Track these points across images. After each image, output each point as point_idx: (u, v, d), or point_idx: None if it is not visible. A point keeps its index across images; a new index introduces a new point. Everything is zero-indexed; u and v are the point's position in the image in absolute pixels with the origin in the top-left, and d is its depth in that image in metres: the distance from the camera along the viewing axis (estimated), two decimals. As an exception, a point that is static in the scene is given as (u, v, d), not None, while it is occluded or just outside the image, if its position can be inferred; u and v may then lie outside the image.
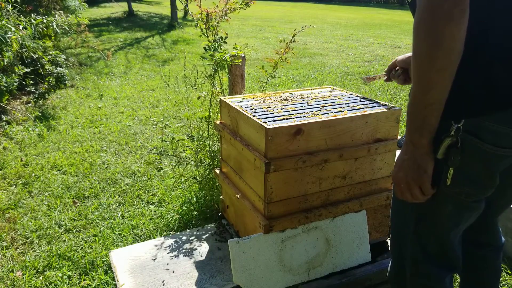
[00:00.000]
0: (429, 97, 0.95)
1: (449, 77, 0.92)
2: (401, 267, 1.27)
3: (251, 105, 1.80)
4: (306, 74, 6.46)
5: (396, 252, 1.30)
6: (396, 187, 1.11)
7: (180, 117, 4.37)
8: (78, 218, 2.56)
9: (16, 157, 3.33)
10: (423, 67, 0.93)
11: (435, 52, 0.90)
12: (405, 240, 1.24)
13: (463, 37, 0.89)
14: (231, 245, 1.56)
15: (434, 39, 0.89)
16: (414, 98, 0.99)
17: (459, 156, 1.01)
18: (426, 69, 0.93)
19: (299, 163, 1.57)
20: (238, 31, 10.78)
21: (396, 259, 1.31)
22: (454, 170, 1.02)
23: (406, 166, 1.05)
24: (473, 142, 1.00)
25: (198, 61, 6.53)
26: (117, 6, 13.75)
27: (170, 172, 3.12)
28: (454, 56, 0.90)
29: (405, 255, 1.25)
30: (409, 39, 10.52)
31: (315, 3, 24.24)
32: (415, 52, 0.94)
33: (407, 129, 1.03)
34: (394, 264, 1.32)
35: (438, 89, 0.94)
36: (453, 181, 1.04)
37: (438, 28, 0.88)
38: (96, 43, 8.03)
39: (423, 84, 0.95)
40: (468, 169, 1.04)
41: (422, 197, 1.07)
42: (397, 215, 1.27)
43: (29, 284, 2.00)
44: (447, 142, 1.00)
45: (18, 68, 4.21)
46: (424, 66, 0.93)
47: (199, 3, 2.30)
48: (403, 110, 4.14)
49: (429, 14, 0.88)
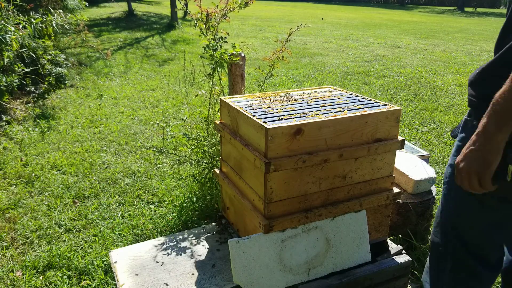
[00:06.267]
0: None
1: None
2: (443, 261, 1.28)
3: (251, 105, 1.80)
4: (306, 74, 6.46)
5: (438, 245, 1.30)
6: (456, 173, 1.10)
7: (180, 117, 4.36)
8: (78, 218, 2.56)
9: (16, 157, 3.33)
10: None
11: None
12: (448, 234, 1.24)
13: None
14: (231, 245, 1.56)
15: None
16: (510, 94, 0.95)
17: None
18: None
19: (299, 163, 1.57)
20: (238, 31, 10.78)
21: (435, 252, 1.31)
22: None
23: (472, 157, 1.04)
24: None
25: (198, 60, 6.53)
26: (117, 6, 13.75)
27: (169, 170, 3.12)
28: None
29: (447, 250, 1.25)
30: (408, 38, 10.53)
31: (315, 3, 24.24)
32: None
33: (487, 121, 1.00)
34: (434, 258, 1.32)
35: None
36: None
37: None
38: (96, 43, 8.03)
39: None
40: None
41: (480, 189, 1.06)
42: (442, 207, 1.27)
43: (29, 284, 2.00)
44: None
45: (18, 67, 4.20)
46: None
47: (199, 3, 2.30)
48: (403, 110, 4.14)
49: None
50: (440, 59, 7.96)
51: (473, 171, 1.04)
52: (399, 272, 1.81)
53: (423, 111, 4.79)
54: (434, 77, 6.46)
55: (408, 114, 4.62)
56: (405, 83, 6.04)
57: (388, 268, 1.79)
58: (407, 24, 14.63)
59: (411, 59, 7.82)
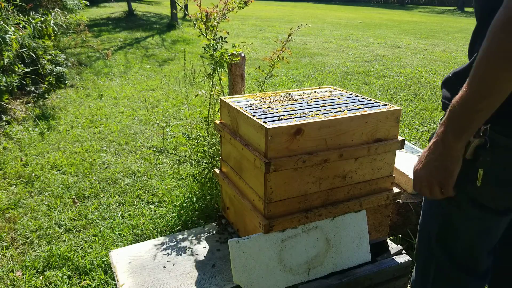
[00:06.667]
0: (486, 103, 0.87)
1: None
2: (426, 270, 1.23)
3: (251, 105, 1.80)
4: (306, 74, 6.46)
5: (421, 255, 1.25)
6: (415, 182, 1.07)
7: (180, 117, 4.36)
8: (78, 218, 2.56)
9: (16, 157, 3.33)
10: (493, 70, 0.83)
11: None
12: (430, 242, 1.19)
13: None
14: (231, 245, 1.56)
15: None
16: (466, 99, 0.89)
17: (489, 157, 0.96)
18: (496, 73, 0.83)
19: (299, 163, 1.57)
20: (238, 31, 10.78)
21: (421, 262, 1.25)
22: (484, 172, 0.98)
23: (432, 166, 1.00)
24: (503, 141, 0.95)
25: (198, 60, 6.53)
26: (117, 6, 13.74)
27: (169, 170, 3.12)
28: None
29: (430, 258, 1.20)
30: (408, 38, 10.53)
31: (314, 3, 24.24)
32: (489, 52, 0.83)
33: (444, 129, 0.96)
34: (419, 267, 1.26)
35: (500, 97, 0.86)
36: (482, 184, 1.00)
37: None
38: (96, 43, 8.03)
39: (486, 88, 0.86)
40: (498, 171, 0.98)
41: (441, 196, 1.03)
42: (424, 215, 1.23)
43: (29, 284, 2.00)
44: (476, 142, 0.96)
45: (18, 67, 4.20)
46: (496, 69, 0.83)
47: (198, 3, 2.30)
48: (403, 110, 4.14)
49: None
50: (440, 59, 7.96)
51: (435, 181, 1.00)
52: (399, 272, 1.81)
53: (423, 111, 4.79)
54: (434, 77, 6.46)
55: (408, 114, 4.62)
56: (405, 83, 6.04)
57: (388, 268, 1.79)
58: (407, 24, 14.63)
59: (411, 59, 7.82)
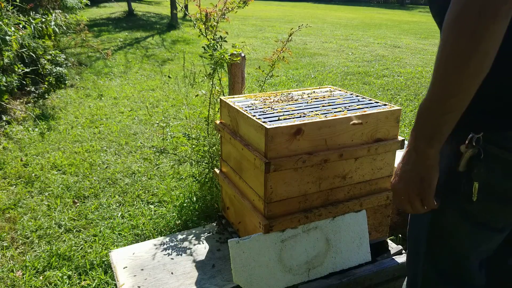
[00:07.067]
0: (451, 104, 0.84)
1: (478, 83, 0.82)
2: (414, 285, 1.19)
3: (251, 105, 1.80)
4: (306, 74, 6.46)
5: (411, 268, 1.20)
6: (394, 197, 1.02)
7: (180, 117, 4.37)
8: (78, 218, 2.56)
9: (16, 157, 3.33)
10: (451, 70, 0.82)
11: (471, 53, 0.78)
12: (419, 256, 1.14)
13: (501, 40, 0.78)
14: (231, 245, 1.56)
15: (474, 38, 0.77)
16: (431, 103, 0.87)
17: (483, 168, 0.91)
18: (455, 72, 0.81)
19: (299, 163, 1.57)
20: (238, 31, 10.78)
21: (410, 276, 1.21)
22: (479, 185, 0.93)
23: (408, 177, 0.95)
24: (496, 152, 0.91)
25: (198, 60, 6.53)
26: (117, 6, 13.74)
27: (169, 170, 3.12)
28: (489, 61, 0.80)
29: (418, 273, 1.16)
30: (408, 38, 10.53)
31: (314, 3, 24.23)
32: (445, 51, 0.82)
33: (413, 136, 0.92)
34: (408, 282, 1.23)
35: (464, 96, 0.83)
36: (478, 200, 0.95)
37: (481, 26, 0.76)
38: (96, 43, 8.04)
39: (447, 88, 0.84)
40: (493, 183, 0.94)
41: (423, 210, 0.98)
42: (411, 229, 1.17)
43: (29, 284, 2.00)
44: (469, 153, 0.92)
45: (18, 67, 4.20)
46: (454, 68, 0.81)
47: (198, 3, 2.30)
48: (403, 110, 4.14)
49: (473, 9, 0.76)
50: (440, 59, 7.95)
51: (414, 193, 0.95)
52: (399, 272, 1.81)
53: (423, 111, 4.78)
54: (434, 77, 6.46)
55: (408, 114, 4.62)
56: (405, 83, 6.04)
57: (388, 268, 1.79)
58: (407, 24, 14.63)
59: (411, 59, 7.82)
